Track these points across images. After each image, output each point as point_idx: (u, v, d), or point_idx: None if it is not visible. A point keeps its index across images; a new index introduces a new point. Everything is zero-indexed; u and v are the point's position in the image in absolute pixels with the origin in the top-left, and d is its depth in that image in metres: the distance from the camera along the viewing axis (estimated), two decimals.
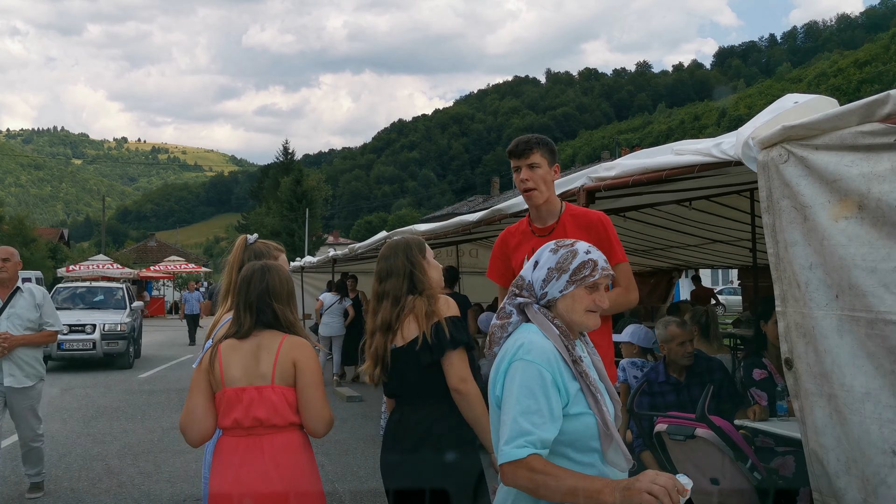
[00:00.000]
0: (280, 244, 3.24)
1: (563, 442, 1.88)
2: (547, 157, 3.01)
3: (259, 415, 2.45)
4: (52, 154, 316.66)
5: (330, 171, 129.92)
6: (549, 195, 3.05)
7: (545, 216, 3.08)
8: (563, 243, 2.09)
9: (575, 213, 3.07)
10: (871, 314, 2.35)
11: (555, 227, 3.02)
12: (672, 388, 4.23)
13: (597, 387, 1.97)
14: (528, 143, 3.00)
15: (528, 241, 3.06)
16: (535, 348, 1.92)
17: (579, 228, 2.96)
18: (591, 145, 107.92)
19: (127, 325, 13.94)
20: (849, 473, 2.46)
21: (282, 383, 2.48)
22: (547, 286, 2.02)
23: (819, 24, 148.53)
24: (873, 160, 2.35)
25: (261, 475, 2.42)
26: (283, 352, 2.50)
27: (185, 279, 35.57)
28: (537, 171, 2.98)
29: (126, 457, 6.68)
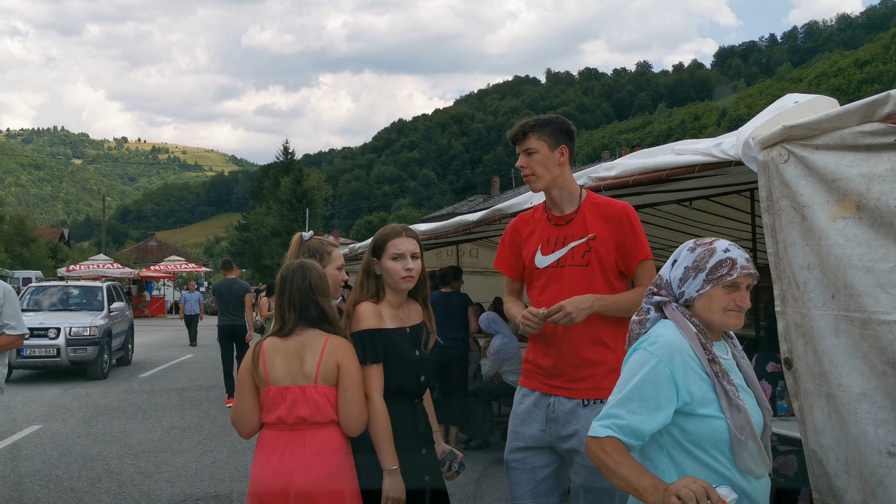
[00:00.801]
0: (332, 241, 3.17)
1: (688, 440, 1.88)
2: (547, 139, 2.78)
3: (302, 413, 2.53)
4: (52, 154, 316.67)
5: (330, 171, 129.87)
6: (555, 179, 2.79)
7: (562, 203, 2.83)
8: (702, 241, 2.02)
9: (597, 202, 2.82)
10: (866, 314, 2.35)
11: (574, 217, 2.79)
12: None
13: (736, 390, 1.90)
14: (521, 129, 2.81)
15: (543, 229, 2.85)
16: (661, 341, 1.92)
17: (601, 219, 2.75)
18: (591, 145, 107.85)
19: (99, 328, 12.27)
20: (848, 473, 2.46)
21: (325, 383, 2.55)
22: (684, 285, 1.99)
23: (819, 24, 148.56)
24: (873, 160, 2.35)
25: (302, 467, 2.49)
26: (328, 353, 2.56)
27: (186, 279, 35.57)
28: (535, 157, 2.77)
29: (126, 457, 6.68)
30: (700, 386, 1.88)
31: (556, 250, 2.76)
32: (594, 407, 2.62)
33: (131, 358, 14.82)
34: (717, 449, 1.88)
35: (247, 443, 7.09)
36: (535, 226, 2.88)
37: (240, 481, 5.81)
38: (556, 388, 2.71)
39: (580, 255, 2.71)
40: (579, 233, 2.74)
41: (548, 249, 2.78)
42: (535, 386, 2.77)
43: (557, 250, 2.75)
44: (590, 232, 2.72)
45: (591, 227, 2.73)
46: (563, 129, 2.81)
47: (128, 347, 14.62)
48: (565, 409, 2.67)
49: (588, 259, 2.70)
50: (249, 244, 59.16)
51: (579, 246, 2.72)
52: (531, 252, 2.82)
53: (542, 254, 2.79)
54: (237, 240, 65.72)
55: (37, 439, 7.43)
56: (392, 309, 2.74)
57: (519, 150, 2.81)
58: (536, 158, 2.77)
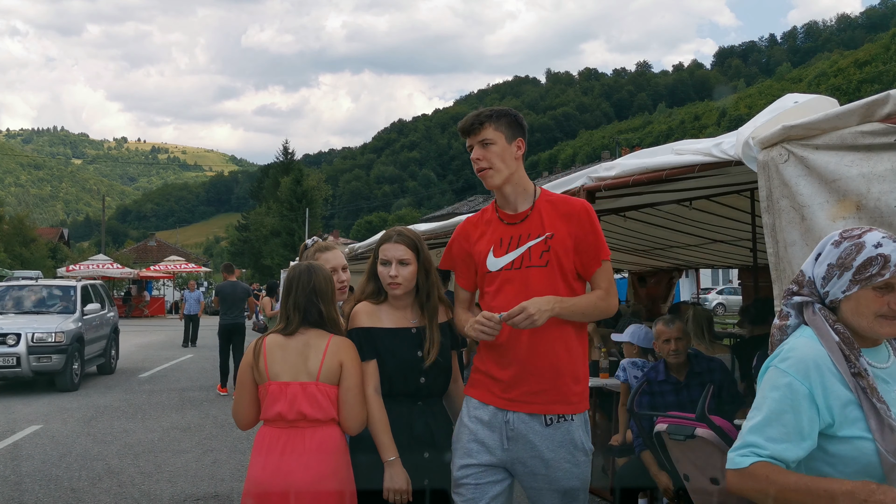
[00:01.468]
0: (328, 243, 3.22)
1: (829, 464, 1.66)
2: (504, 131, 2.55)
3: (303, 409, 2.57)
4: (52, 154, 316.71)
5: (330, 171, 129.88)
6: (512, 175, 2.56)
7: (515, 201, 2.59)
8: (850, 234, 1.74)
9: (553, 200, 2.60)
10: None
11: (529, 214, 2.56)
12: (672, 387, 4.23)
13: (888, 408, 1.63)
14: (477, 118, 2.57)
15: (494, 230, 2.60)
16: (793, 356, 1.69)
17: (559, 217, 2.54)
18: (591, 145, 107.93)
19: (68, 333, 10.78)
20: None
21: (326, 381, 2.59)
22: (828, 285, 1.73)
23: (819, 24, 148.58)
24: (873, 160, 2.35)
25: (302, 465, 2.53)
26: (331, 351, 2.60)
27: (186, 279, 35.56)
28: (492, 149, 2.53)
29: (126, 457, 6.68)
30: (842, 403, 1.65)
31: (510, 251, 2.54)
32: (558, 426, 2.47)
33: (115, 365, 13.35)
34: (865, 474, 1.62)
35: (247, 443, 7.12)
36: (485, 227, 2.64)
37: (240, 481, 5.81)
38: (515, 403, 2.48)
39: (538, 255, 2.50)
40: (535, 231, 2.53)
41: (501, 251, 2.55)
42: (490, 399, 2.53)
43: (512, 251, 2.53)
44: (547, 230, 2.51)
45: (547, 225, 2.53)
46: (518, 122, 2.62)
47: (110, 354, 13.12)
48: (526, 426, 2.47)
49: (547, 259, 2.49)
50: (249, 244, 59.18)
51: (536, 245, 2.51)
52: (482, 255, 2.59)
53: (494, 255, 2.56)
54: (237, 240, 65.75)
55: (37, 439, 7.43)
56: (395, 310, 2.74)
57: (472, 141, 2.56)
58: (494, 150, 2.53)
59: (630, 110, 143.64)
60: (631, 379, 4.88)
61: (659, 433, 3.66)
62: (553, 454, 2.46)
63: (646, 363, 5.00)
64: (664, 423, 3.64)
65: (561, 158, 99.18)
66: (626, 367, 4.97)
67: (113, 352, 13.42)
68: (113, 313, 13.84)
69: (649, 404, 4.19)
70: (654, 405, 4.17)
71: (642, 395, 4.24)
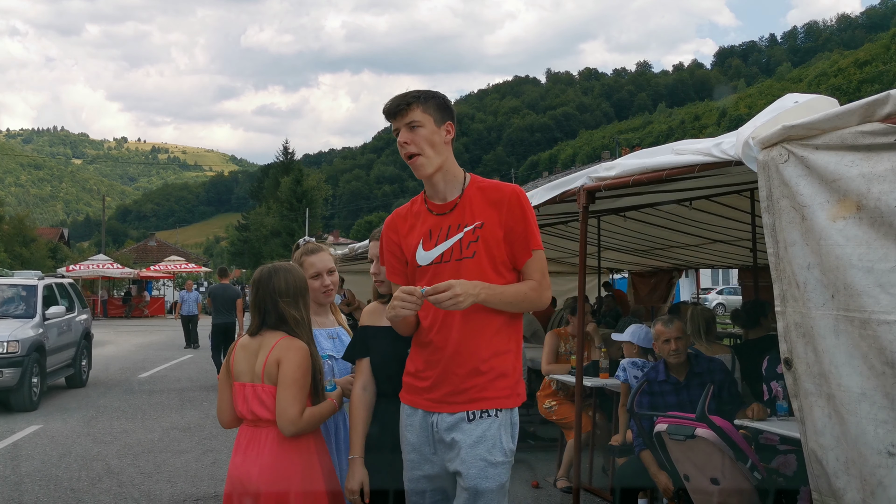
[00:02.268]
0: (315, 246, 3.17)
1: None
2: (432, 114, 2.36)
3: (255, 410, 2.62)
4: (52, 154, 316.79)
5: (330, 171, 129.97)
6: (443, 163, 2.38)
7: (444, 190, 2.42)
8: None
9: (483, 186, 2.43)
10: (865, 314, 2.36)
11: (457, 203, 2.40)
12: (672, 387, 4.23)
13: None
14: (404, 98, 2.36)
15: (423, 222, 2.44)
16: None
17: (489, 204, 2.38)
18: (591, 145, 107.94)
19: (23, 343, 9.06)
20: (848, 473, 2.46)
21: (269, 382, 2.61)
22: None
23: (819, 24, 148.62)
24: (873, 160, 2.35)
25: (258, 464, 2.58)
26: (273, 353, 2.61)
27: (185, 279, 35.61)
28: (419, 132, 2.33)
29: (126, 457, 6.68)
30: None
31: (439, 243, 2.38)
32: (480, 421, 2.31)
33: (87, 378, 11.54)
34: None
35: None
36: (413, 219, 2.47)
37: None
38: (439, 404, 2.35)
39: (466, 245, 2.35)
40: (465, 221, 2.37)
41: (430, 244, 2.40)
42: (418, 403, 2.40)
43: (441, 243, 2.38)
44: (476, 219, 2.36)
45: (477, 213, 2.37)
46: (447, 105, 2.42)
47: (80, 364, 11.20)
48: (448, 426, 2.33)
49: (475, 250, 2.34)
50: (249, 244, 59.17)
51: (466, 236, 2.35)
52: (412, 249, 2.43)
53: (423, 249, 2.40)
54: (237, 240, 65.75)
55: (37, 439, 7.43)
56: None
57: (398, 124, 2.36)
58: (422, 133, 2.34)
59: (630, 110, 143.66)
60: (631, 379, 4.88)
61: (659, 433, 3.66)
62: (471, 451, 2.29)
63: (646, 363, 5.00)
64: (664, 423, 3.64)
65: (561, 158, 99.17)
66: (626, 367, 4.98)
67: (84, 362, 11.51)
68: (84, 316, 11.96)
69: (649, 404, 4.19)
70: (654, 405, 4.17)
71: (642, 395, 4.24)
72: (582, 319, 4.95)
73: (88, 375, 11.74)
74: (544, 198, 5.00)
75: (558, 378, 5.83)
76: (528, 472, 5.95)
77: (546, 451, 6.42)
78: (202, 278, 45.54)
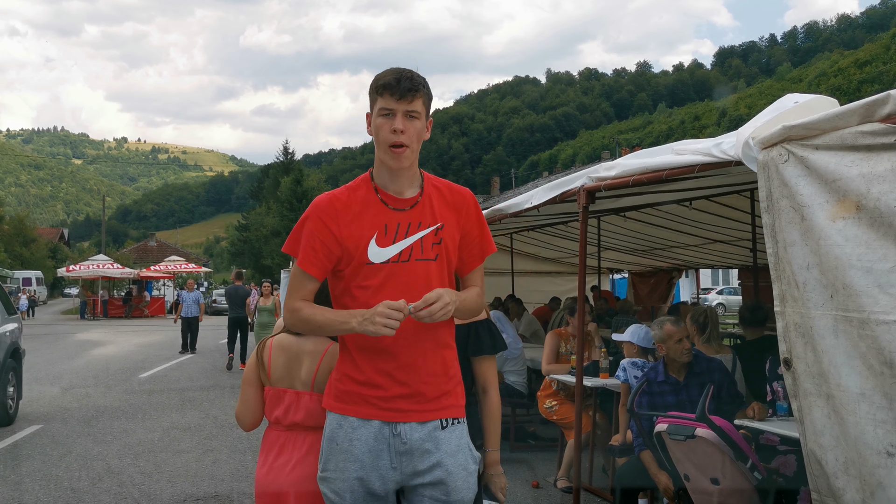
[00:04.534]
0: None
1: None
2: (427, 106, 2.20)
3: (297, 419, 2.56)
4: (52, 154, 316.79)
5: (330, 171, 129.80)
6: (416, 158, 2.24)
7: (404, 184, 2.22)
8: None
9: (438, 186, 2.30)
10: (864, 314, 2.36)
11: (419, 200, 2.22)
12: (671, 387, 4.23)
13: None
14: (413, 83, 2.12)
15: (377, 214, 2.20)
16: None
17: (447, 206, 2.26)
18: (591, 145, 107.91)
19: None
20: (847, 473, 2.46)
21: (320, 391, 2.54)
22: None
23: (819, 24, 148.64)
24: (873, 160, 2.35)
25: (292, 466, 2.53)
26: (325, 361, 2.55)
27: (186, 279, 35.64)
28: (416, 124, 2.15)
29: (126, 457, 6.68)
30: None
31: (397, 241, 2.18)
32: (453, 428, 2.22)
33: (16, 411, 8.34)
34: None
35: (247, 443, 7.13)
36: (360, 208, 2.21)
37: (240, 481, 5.82)
38: (406, 413, 2.17)
39: (429, 246, 2.20)
40: (426, 220, 2.21)
41: (386, 240, 2.17)
42: (372, 413, 2.17)
43: (399, 241, 2.18)
44: (437, 220, 2.22)
45: (438, 214, 2.23)
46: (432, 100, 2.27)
47: (5, 393, 7.99)
48: (420, 436, 2.17)
49: (437, 252, 2.20)
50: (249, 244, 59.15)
51: (428, 236, 2.20)
52: (360, 242, 2.17)
53: (377, 244, 2.17)
54: (237, 240, 65.73)
55: (37, 439, 7.43)
56: None
57: (399, 107, 2.12)
58: (417, 126, 2.15)
59: (630, 110, 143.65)
60: (631, 379, 4.88)
61: (659, 433, 3.67)
62: (453, 459, 2.19)
63: (646, 363, 5.00)
64: (664, 423, 3.65)
65: (561, 158, 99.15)
66: (626, 367, 4.98)
67: (11, 388, 8.18)
68: (13, 326, 8.68)
69: (649, 404, 4.19)
70: (654, 405, 4.17)
71: (642, 396, 4.24)
72: (582, 319, 4.95)
73: (17, 408, 8.46)
74: (544, 198, 5.01)
75: (559, 378, 5.84)
76: (528, 472, 5.95)
77: (546, 451, 6.42)
78: (202, 278, 45.52)
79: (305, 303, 2.23)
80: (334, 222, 2.19)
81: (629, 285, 13.45)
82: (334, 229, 2.18)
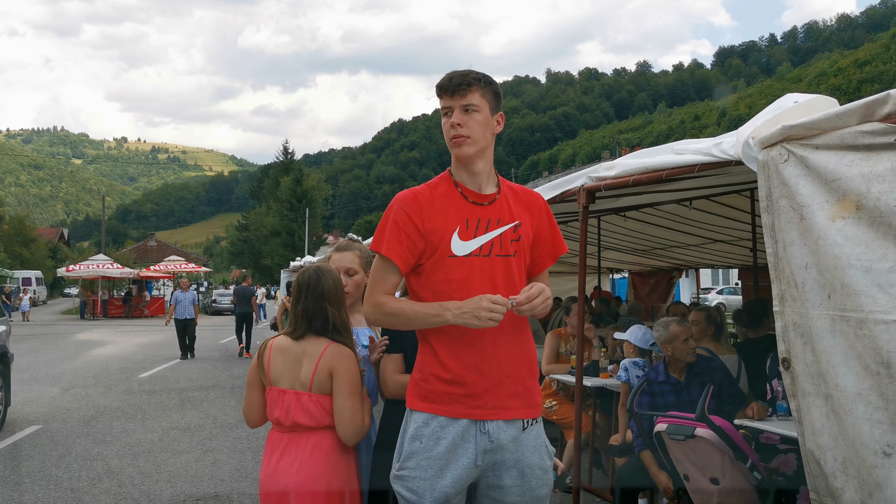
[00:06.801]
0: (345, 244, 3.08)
1: None
2: (490, 100, 2.23)
3: (297, 419, 2.57)
4: (52, 154, 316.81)
5: (330, 171, 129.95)
6: (485, 150, 2.26)
7: (483, 181, 2.28)
8: None
9: (513, 188, 2.37)
10: (862, 314, 2.35)
11: (496, 198, 2.27)
12: (672, 387, 4.23)
13: None
14: (465, 78, 2.19)
15: (459, 208, 2.24)
16: None
17: (522, 206, 2.31)
18: (591, 145, 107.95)
19: None
20: (846, 473, 2.46)
21: (318, 392, 2.55)
22: None
23: (819, 24, 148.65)
24: (873, 160, 2.35)
25: (296, 466, 2.54)
26: (323, 361, 2.56)
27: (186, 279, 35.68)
28: (475, 117, 2.19)
29: (126, 457, 6.68)
30: None
31: (478, 235, 2.21)
32: (531, 429, 2.26)
33: (4, 417, 7.91)
34: None
35: (247, 443, 7.14)
36: (443, 202, 2.24)
37: (240, 481, 5.82)
38: (494, 411, 2.19)
39: (508, 243, 2.24)
40: (506, 217, 2.26)
41: (468, 234, 2.21)
42: (460, 412, 2.18)
43: (480, 235, 2.21)
44: (515, 218, 2.27)
45: (515, 212, 2.28)
46: (501, 95, 2.31)
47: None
48: (508, 436, 2.20)
49: (515, 249, 2.24)
50: (249, 244, 59.20)
51: (507, 233, 2.24)
52: (444, 235, 2.20)
53: (460, 238, 2.20)
54: (237, 240, 65.80)
55: (37, 439, 7.43)
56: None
57: (454, 103, 2.20)
58: (477, 119, 2.20)
59: (630, 110, 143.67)
60: (633, 379, 4.88)
61: (659, 433, 3.67)
62: (529, 460, 2.24)
63: (646, 363, 5.01)
64: (664, 422, 3.65)
65: (561, 158, 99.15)
66: (628, 367, 4.97)
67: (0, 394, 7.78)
68: (1, 328, 8.31)
69: (649, 404, 4.19)
70: (654, 405, 4.17)
71: (642, 395, 4.24)
72: (582, 319, 4.95)
73: (6, 415, 7.99)
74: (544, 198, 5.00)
75: (559, 378, 5.84)
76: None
77: None
78: (202, 278, 45.48)
79: (390, 297, 2.24)
80: (418, 216, 2.22)
81: (629, 285, 13.45)
82: (418, 222, 2.22)
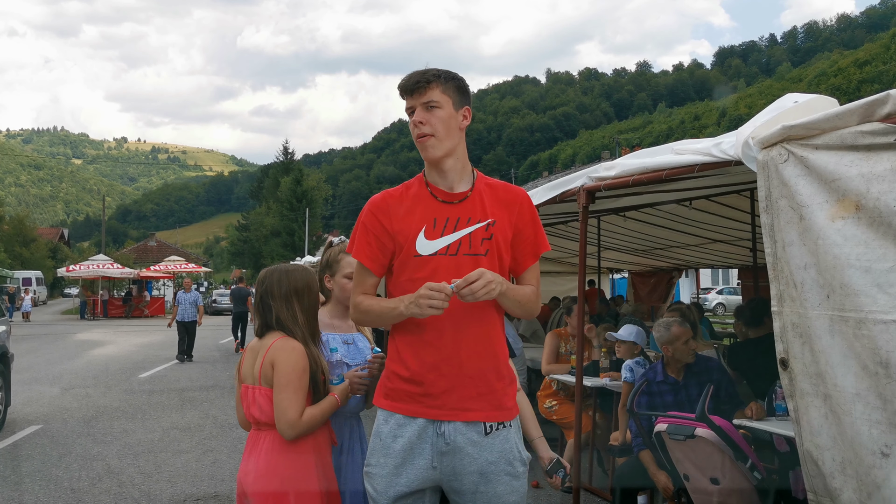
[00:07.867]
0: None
1: None
2: (452, 95, 2.21)
3: (253, 413, 2.61)
4: (52, 154, 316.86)
5: (330, 171, 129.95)
6: (454, 148, 2.24)
7: (454, 179, 2.26)
8: None
9: (492, 185, 2.32)
10: (861, 314, 2.35)
11: (469, 195, 2.25)
12: (670, 387, 4.24)
13: None
14: (423, 76, 2.20)
15: (426, 208, 2.23)
16: None
17: (499, 203, 2.26)
18: (591, 145, 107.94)
19: None
20: (844, 474, 2.46)
21: (266, 384, 2.58)
22: None
23: (819, 24, 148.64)
24: (873, 160, 2.35)
25: (252, 465, 2.58)
26: (269, 354, 2.57)
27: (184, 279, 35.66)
28: (437, 113, 2.19)
29: (126, 457, 6.68)
30: None
31: (445, 234, 2.20)
32: (497, 433, 2.19)
33: (3, 419, 7.87)
34: None
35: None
36: (412, 203, 2.25)
37: None
38: (452, 412, 2.16)
39: (478, 242, 2.20)
40: (476, 215, 2.22)
41: (434, 233, 2.20)
42: (417, 411, 2.17)
43: (447, 234, 2.20)
44: (488, 216, 2.23)
45: (489, 210, 2.24)
46: (466, 89, 2.28)
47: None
48: (466, 439, 2.16)
49: (487, 248, 2.20)
50: (249, 244, 59.19)
51: (477, 231, 2.20)
52: (410, 235, 2.21)
53: (426, 237, 2.20)
54: (237, 240, 65.77)
55: (37, 439, 7.43)
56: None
57: (414, 102, 2.21)
58: (439, 115, 2.19)
59: (630, 110, 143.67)
60: (637, 379, 4.88)
61: (659, 433, 3.67)
62: (493, 467, 2.17)
63: (647, 363, 5.01)
64: (664, 422, 3.65)
65: (561, 158, 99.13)
66: (632, 368, 4.98)
67: (0, 394, 7.79)
68: (1, 328, 8.31)
69: (648, 404, 4.20)
70: (653, 405, 4.17)
71: (641, 396, 4.24)
72: (581, 319, 4.95)
73: (6, 415, 7.95)
74: (544, 198, 5.00)
75: (558, 378, 5.84)
76: (528, 472, 5.95)
77: None
78: (202, 278, 45.47)
79: (365, 296, 2.29)
80: (386, 217, 2.25)
81: (629, 285, 13.46)
82: (386, 224, 2.25)
